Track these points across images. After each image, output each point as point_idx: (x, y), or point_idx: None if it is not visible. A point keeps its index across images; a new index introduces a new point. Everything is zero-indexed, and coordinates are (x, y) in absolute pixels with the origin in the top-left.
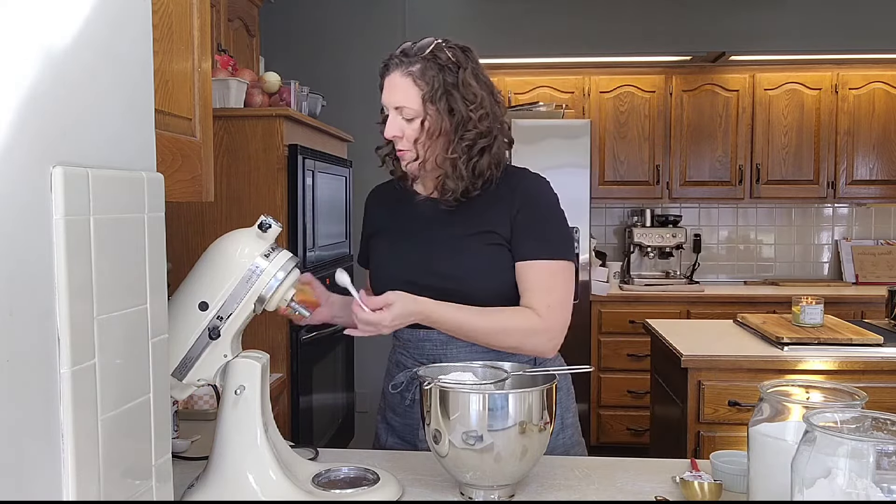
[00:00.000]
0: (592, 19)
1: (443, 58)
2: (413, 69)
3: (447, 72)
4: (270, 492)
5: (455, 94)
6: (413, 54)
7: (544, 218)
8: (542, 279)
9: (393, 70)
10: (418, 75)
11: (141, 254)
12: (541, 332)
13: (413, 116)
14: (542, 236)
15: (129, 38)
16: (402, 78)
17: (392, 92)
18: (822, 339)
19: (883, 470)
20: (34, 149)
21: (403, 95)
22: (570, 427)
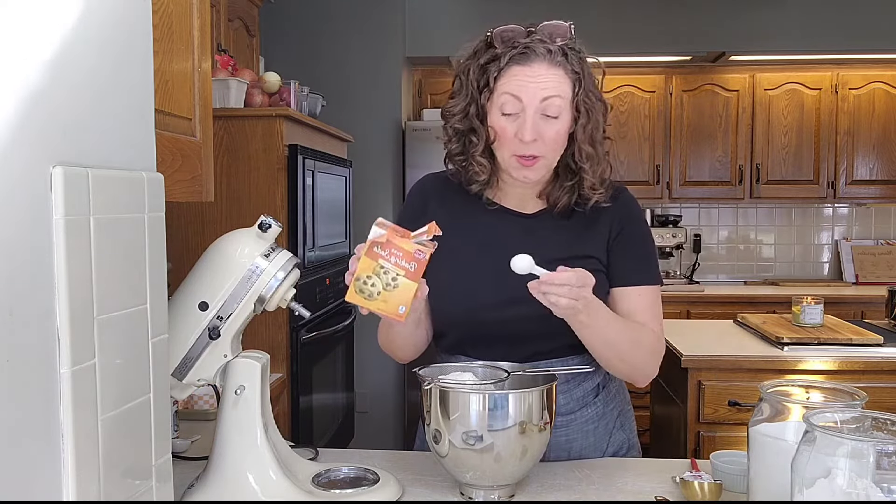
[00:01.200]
0: (592, 19)
1: (577, 47)
2: (559, 59)
3: (582, 62)
4: (270, 492)
5: (592, 90)
6: (552, 41)
7: (644, 242)
8: (650, 304)
9: (537, 59)
10: (566, 66)
11: (141, 254)
12: (657, 353)
13: (559, 113)
14: (646, 260)
15: (129, 38)
16: (553, 68)
17: (541, 85)
18: (822, 339)
19: (883, 470)
20: (34, 149)
21: (555, 86)
22: (635, 447)
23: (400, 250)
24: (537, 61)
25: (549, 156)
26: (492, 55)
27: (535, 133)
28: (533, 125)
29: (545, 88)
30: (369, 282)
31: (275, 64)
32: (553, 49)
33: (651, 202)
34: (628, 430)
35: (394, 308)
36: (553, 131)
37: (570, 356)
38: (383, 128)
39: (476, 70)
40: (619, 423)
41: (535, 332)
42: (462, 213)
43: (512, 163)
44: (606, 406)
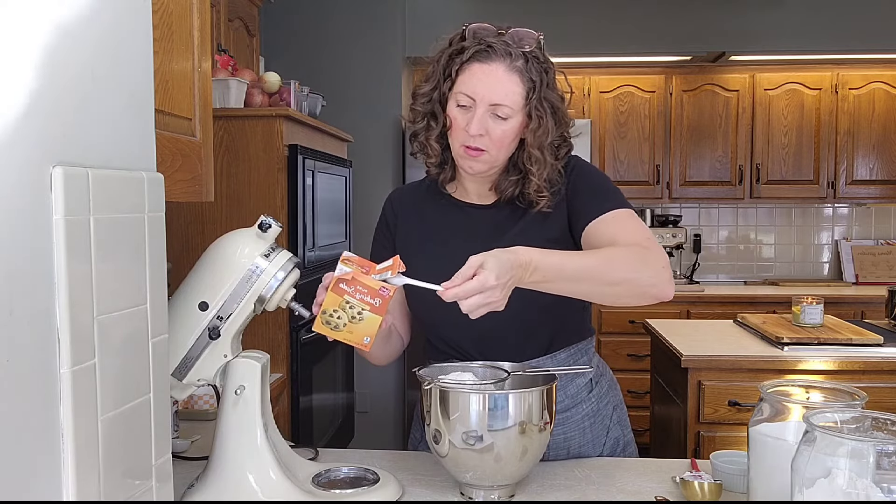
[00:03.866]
0: (592, 19)
1: (541, 56)
2: (518, 64)
3: (543, 71)
4: (270, 492)
5: (550, 97)
6: (517, 45)
7: (595, 179)
8: (623, 225)
9: (496, 60)
10: (524, 72)
11: (141, 254)
12: (652, 260)
13: (508, 116)
14: (601, 193)
15: (129, 37)
16: (508, 73)
17: (491, 84)
18: (822, 339)
19: (883, 470)
20: (34, 149)
21: (506, 93)
22: (631, 444)
23: (365, 287)
24: (497, 62)
25: (493, 152)
26: (460, 48)
27: (482, 129)
28: (480, 121)
29: (496, 94)
30: (335, 315)
31: (275, 64)
32: (514, 53)
33: (651, 202)
34: (623, 426)
35: (359, 338)
36: (500, 130)
37: (557, 351)
38: (383, 128)
39: (445, 59)
40: (615, 418)
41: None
42: (429, 215)
43: (460, 152)
44: (601, 401)
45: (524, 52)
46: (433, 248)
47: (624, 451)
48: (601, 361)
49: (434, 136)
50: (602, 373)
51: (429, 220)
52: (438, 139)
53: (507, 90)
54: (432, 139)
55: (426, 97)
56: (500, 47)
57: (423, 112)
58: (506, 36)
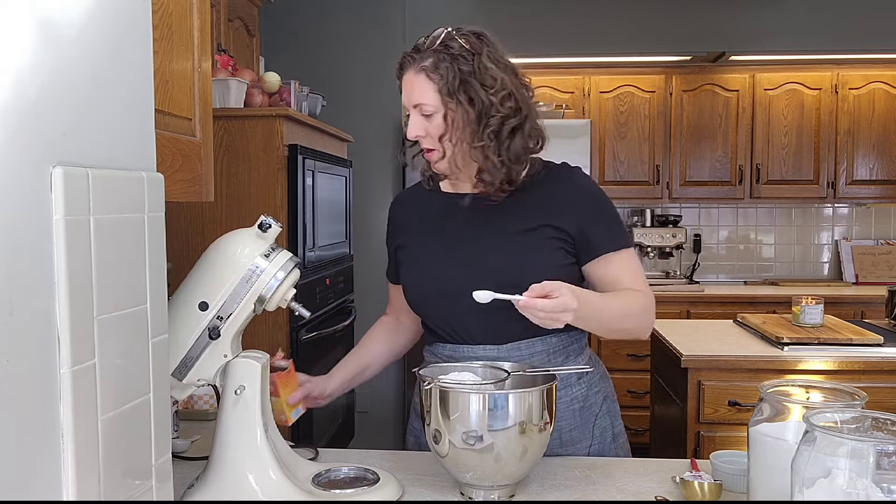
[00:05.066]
0: (592, 19)
1: (455, 47)
2: (425, 64)
3: (461, 60)
4: (270, 492)
5: (473, 82)
6: (425, 49)
7: (608, 211)
8: (628, 266)
9: (407, 68)
10: (431, 69)
11: (141, 254)
12: (650, 309)
13: (432, 112)
14: (615, 229)
15: (129, 37)
16: (417, 75)
17: (409, 91)
18: (822, 339)
19: (883, 470)
20: (34, 149)
21: (419, 92)
22: (622, 435)
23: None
24: (408, 70)
25: (438, 147)
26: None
27: (417, 130)
28: (413, 123)
29: (412, 97)
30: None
31: (275, 64)
32: (418, 57)
33: (651, 202)
34: (613, 417)
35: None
36: (433, 126)
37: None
38: (383, 128)
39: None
40: (604, 408)
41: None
42: (428, 209)
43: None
44: (590, 389)
45: (433, 51)
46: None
47: (615, 441)
48: (594, 355)
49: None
50: (594, 363)
51: (427, 215)
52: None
53: (420, 90)
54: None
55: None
56: (407, 57)
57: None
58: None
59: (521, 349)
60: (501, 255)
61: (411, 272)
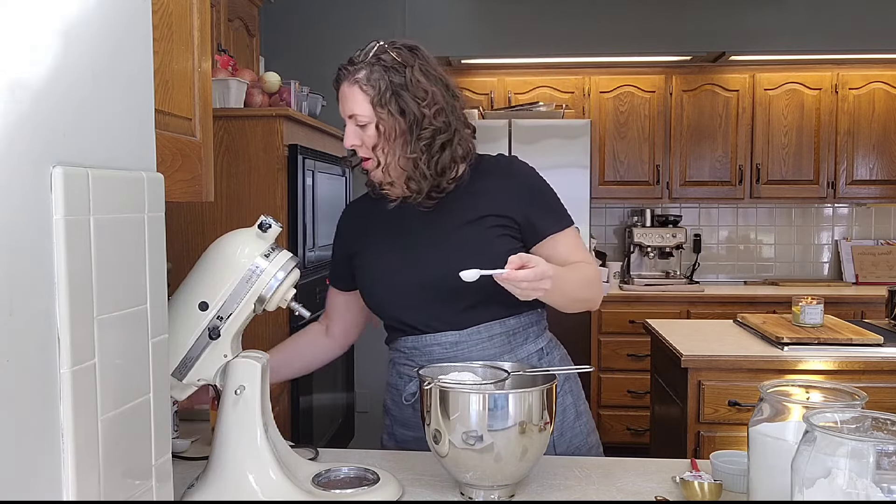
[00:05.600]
0: (592, 19)
1: (387, 59)
2: (359, 76)
3: (393, 73)
4: (270, 492)
5: (404, 94)
6: (358, 61)
7: (550, 194)
8: (572, 244)
9: (342, 80)
10: (364, 81)
11: (141, 254)
12: (600, 280)
13: (366, 122)
14: (555, 211)
15: (129, 37)
16: (350, 87)
17: (343, 102)
18: (822, 339)
19: (883, 470)
20: (34, 149)
21: (353, 103)
22: (585, 414)
23: None
24: (343, 83)
25: (373, 157)
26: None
27: (353, 139)
28: (350, 133)
29: (347, 108)
30: None
31: (275, 64)
32: (352, 69)
33: (651, 202)
34: (576, 396)
35: None
36: (367, 136)
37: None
38: None
39: None
40: (566, 387)
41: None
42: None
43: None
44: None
45: (365, 62)
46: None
47: (578, 420)
48: (553, 339)
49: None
50: (555, 346)
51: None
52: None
53: (354, 101)
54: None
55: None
56: (342, 69)
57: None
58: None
59: (480, 332)
60: (450, 247)
61: (367, 274)
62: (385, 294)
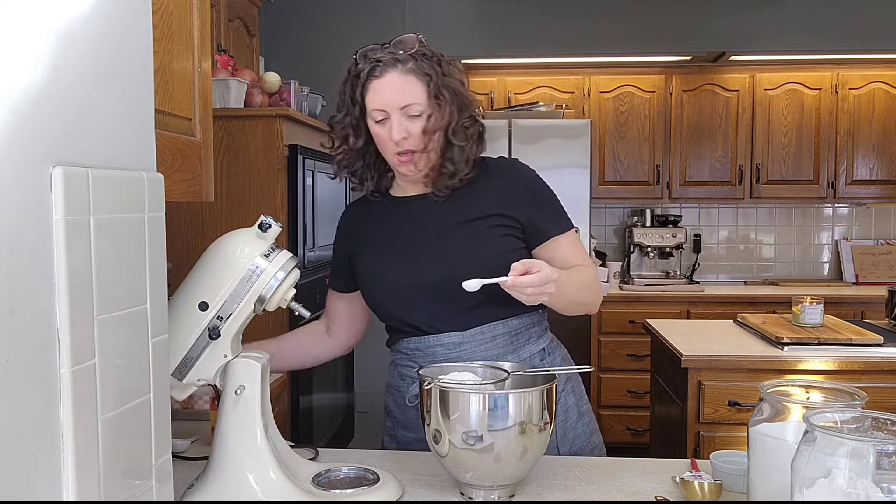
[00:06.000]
0: (592, 19)
1: (428, 52)
2: (409, 65)
3: (436, 63)
4: (270, 492)
5: (450, 83)
6: (402, 51)
7: (551, 196)
8: (575, 246)
9: (388, 70)
10: (418, 71)
11: (141, 254)
12: (599, 283)
13: (420, 112)
14: (557, 213)
15: (130, 37)
16: (404, 76)
17: (394, 92)
18: (822, 339)
19: (883, 470)
20: (34, 149)
21: (407, 93)
22: (587, 414)
23: None
24: (389, 72)
25: (422, 149)
26: (357, 73)
27: (403, 132)
28: (398, 126)
29: (401, 98)
30: None
31: (275, 64)
32: (401, 58)
33: (651, 202)
34: (578, 397)
35: None
36: (418, 128)
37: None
38: None
39: (348, 88)
40: (569, 387)
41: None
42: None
43: (394, 161)
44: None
45: (411, 55)
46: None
47: (580, 420)
48: (555, 339)
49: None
50: (556, 346)
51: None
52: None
53: (409, 91)
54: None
55: (340, 125)
56: (388, 58)
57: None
58: (390, 47)
59: (483, 333)
60: (452, 246)
61: (367, 274)
62: (385, 293)
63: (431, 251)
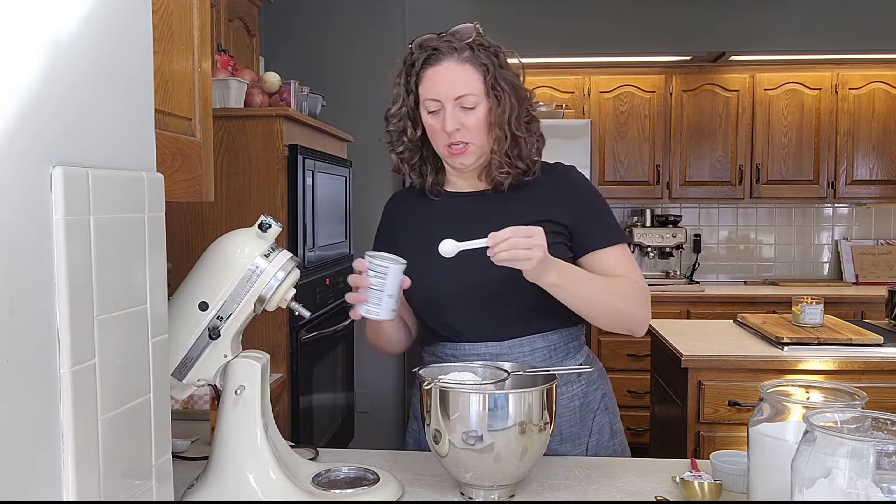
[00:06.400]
0: (592, 19)
1: (485, 42)
2: (466, 55)
3: (492, 54)
4: (270, 492)
5: (506, 75)
6: (459, 40)
7: (604, 207)
8: (623, 260)
9: (444, 59)
10: (474, 61)
11: (141, 254)
12: (644, 300)
13: (475, 104)
14: (609, 225)
15: (129, 37)
16: (461, 65)
17: (450, 81)
18: (822, 339)
19: (883, 470)
20: (34, 149)
21: (464, 83)
22: (619, 433)
23: None
24: (445, 60)
25: (476, 141)
26: (412, 62)
27: (456, 123)
28: (452, 117)
29: (457, 88)
30: None
31: (275, 64)
32: (459, 47)
33: (651, 202)
34: (612, 415)
35: None
36: (473, 119)
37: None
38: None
39: (403, 78)
40: (602, 405)
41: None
42: (426, 208)
43: (445, 153)
44: (589, 387)
45: (468, 44)
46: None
47: (613, 438)
48: (591, 353)
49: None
50: (593, 361)
51: (422, 216)
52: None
53: (465, 80)
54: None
55: (396, 117)
56: (444, 46)
57: (398, 131)
58: (446, 36)
59: (522, 346)
60: None
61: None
62: (427, 293)
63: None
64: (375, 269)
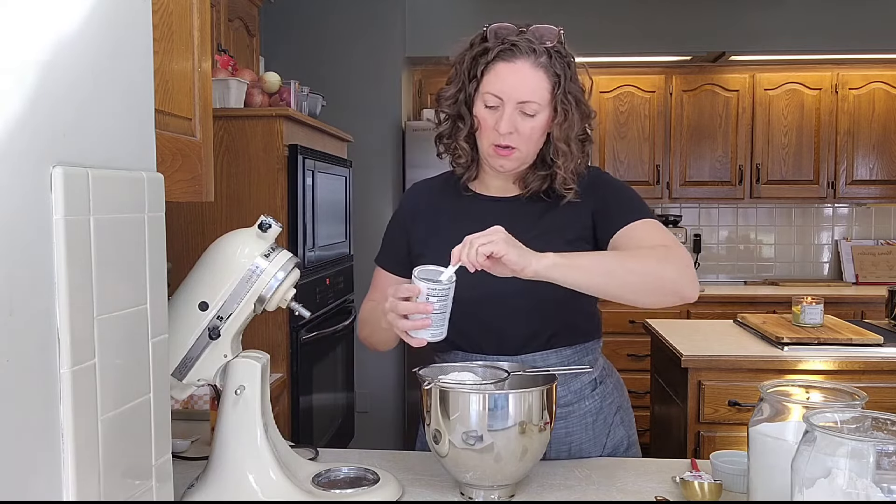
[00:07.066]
0: (592, 19)
1: (563, 51)
2: (542, 60)
3: (566, 64)
4: (270, 492)
5: (574, 87)
6: (540, 42)
7: (623, 191)
8: (652, 230)
9: (520, 58)
10: (549, 68)
11: (141, 254)
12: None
13: (536, 112)
14: (630, 205)
15: (129, 37)
16: (534, 69)
17: (519, 84)
18: (822, 339)
19: (883, 470)
20: (34, 149)
21: (534, 90)
22: (635, 445)
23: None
24: (521, 59)
25: (523, 148)
26: (483, 49)
27: (511, 126)
28: (509, 119)
29: (523, 92)
30: None
31: (275, 64)
32: (538, 49)
33: (651, 202)
34: (628, 427)
35: None
36: (528, 127)
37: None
38: (383, 128)
39: (468, 61)
40: (618, 418)
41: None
42: (446, 208)
43: (490, 151)
44: (604, 401)
45: (547, 48)
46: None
47: (627, 452)
48: (608, 363)
49: (462, 137)
50: (608, 374)
51: (446, 212)
52: (466, 139)
53: (534, 87)
54: (461, 139)
55: (451, 99)
56: (524, 45)
57: (451, 114)
58: (527, 33)
59: (535, 361)
60: None
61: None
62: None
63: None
64: (437, 295)
